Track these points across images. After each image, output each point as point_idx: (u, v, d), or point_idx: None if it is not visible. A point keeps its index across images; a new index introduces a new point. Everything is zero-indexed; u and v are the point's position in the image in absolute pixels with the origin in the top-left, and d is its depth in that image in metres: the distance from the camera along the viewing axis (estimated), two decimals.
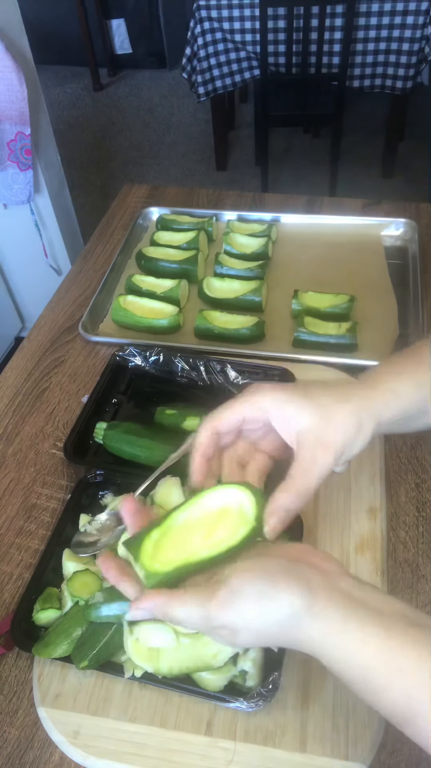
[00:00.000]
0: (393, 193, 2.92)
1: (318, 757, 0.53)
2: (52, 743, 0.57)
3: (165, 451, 0.73)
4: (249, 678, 0.55)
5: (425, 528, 0.71)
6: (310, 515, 0.71)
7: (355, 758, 0.53)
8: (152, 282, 1.04)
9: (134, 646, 0.56)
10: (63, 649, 0.58)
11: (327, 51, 2.37)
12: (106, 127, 3.79)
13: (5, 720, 0.59)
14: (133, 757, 0.54)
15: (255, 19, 2.31)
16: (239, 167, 3.29)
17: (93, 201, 3.08)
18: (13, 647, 0.63)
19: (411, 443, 0.80)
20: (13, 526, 0.75)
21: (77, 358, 0.97)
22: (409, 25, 2.28)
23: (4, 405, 0.91)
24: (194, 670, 0.55)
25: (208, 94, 2.61)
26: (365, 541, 0.69)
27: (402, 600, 0.44)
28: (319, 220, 1.17)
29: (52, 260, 1.95)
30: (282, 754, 0.53)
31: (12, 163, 1.59)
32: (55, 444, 0.84)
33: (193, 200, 1.30)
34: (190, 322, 0.99)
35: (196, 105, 3.78)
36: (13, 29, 1.49)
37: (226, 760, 0.54)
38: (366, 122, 3.44)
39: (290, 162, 3.29)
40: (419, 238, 1.09)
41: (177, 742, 0.55)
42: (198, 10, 2.36)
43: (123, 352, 0.90)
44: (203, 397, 0.87)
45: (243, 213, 1.20)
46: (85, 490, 0.73)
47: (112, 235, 1.23)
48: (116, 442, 0.78)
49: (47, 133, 1.75)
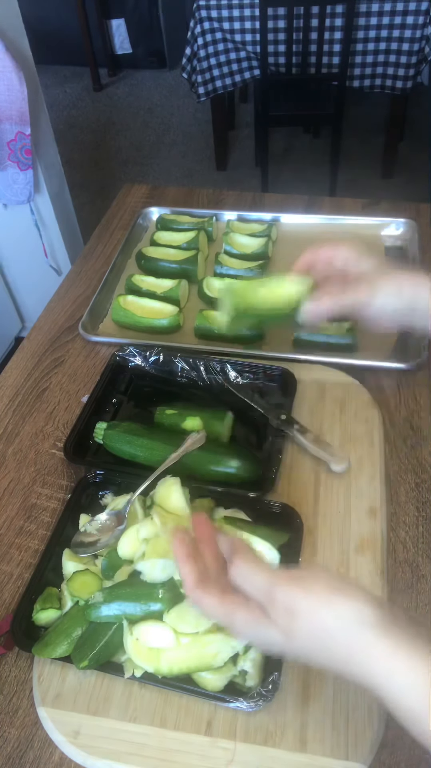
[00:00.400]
0: (393, 193, 2.91)
1: (318, 757, 0.53)
2: (52, 743, 0.57)
3: (165, 451, 0.73)
4: (249, 678, 0.56)
5: (425, 528, 0.71)
6: (310, 515, 0.71)
7: (355, 758, 0.53)
8: (152, 282, 1.04)
9: (134, 646, 0.56)
10: (63, 649, 0.58)
11: (327, 51, 2.37)
12: (105, 127, 3.79)
13: (5, 720, 0.59)
14: (133, 757, 0.54)
15: (255, 19, 2.31)
16: (239, 167, 3.29)
17: (93, 201, 3.08)
18: (13, 647, 0.63)
19: (411, 443, 0.80)
20: (13, 526, 0.75)
21: (77, 358, 0.97)
22: (409, 25, 2.28)
23: (4, 405, 0.91)
24: (194, 670, 0.55)
25: (207, 94, 2.61)
26: (365, 541, 0.69)
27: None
28: (319, 220, 1.17)
29: (52, 260, 1.95)
30: (282, 754, 0.53)
31: (12, 163, 1.59)
32: (55, 444, 0.84)
33: (192, 200, 1.30)
34: (190, 322, 0.99)
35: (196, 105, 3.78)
36: (13, 29, 1.48)
37: (226, 760, 0.54)
38: (366, 122, 3.43)
39: (290, 162, 3.29)
40: (419, 238, 1.09)
41: (177, 742, 0.55)
42: (198, 10, 2.36)
43: (123, 352, 0.90)
44: (203, 397, 0.87)
45: (243, 213, 1.20)
46: (85, 490, 0.73)
47: (112, 235, 1.23)
48: (116, 442, 0.78)
49: (47, 133, 1.75)
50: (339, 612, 0.41)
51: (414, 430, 0.81)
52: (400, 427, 0.82)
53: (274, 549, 0.61)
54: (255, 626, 0.45)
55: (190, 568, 0.48)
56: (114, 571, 0.62)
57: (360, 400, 0.84)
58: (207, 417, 0.79)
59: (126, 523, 0.65)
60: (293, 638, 0.43)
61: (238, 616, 0.45)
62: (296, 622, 0.42)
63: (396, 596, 0.65)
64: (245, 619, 0.45)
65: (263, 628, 0.44)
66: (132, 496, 0.67)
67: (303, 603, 0.42)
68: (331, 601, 0.41)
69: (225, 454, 0.74)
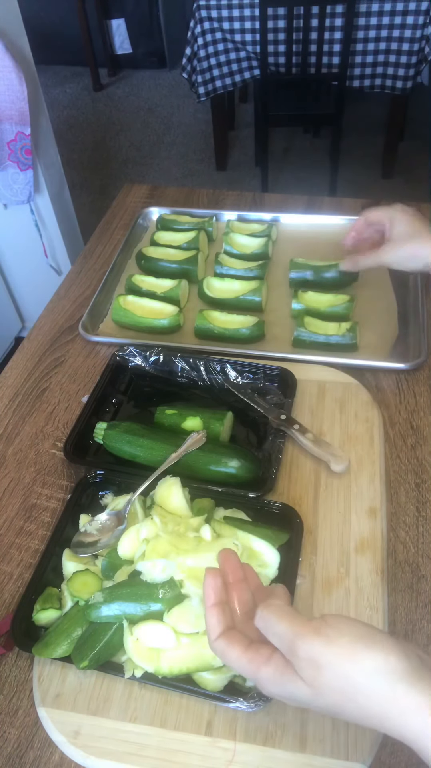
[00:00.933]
0: (393, 193, 2.91)
1: (318, 757, 0.53)
2: (52, 743, 0.57)
3: (165, 451, 0.73)
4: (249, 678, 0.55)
5: (425, 528, 0.71)
6: (310, 515, 0.71)
7: (355, 758, 0.53)
8: (152, 282, 1.04)
9: (134, 646, 0.56)
10: (63, 649, 0.58)
11: (327, 51, 2.37)
12: (105, 127, 3.79)
13: (5, 720, 0.59)
14: (133, 757, 0.54)
15: (255, 19, 2.31)
16: (239, 167, 3.29)
17: (93, 201, 3.08)
18: (13, 647, 0.63)
19: (411, 443, 0.80)
20: (13, 526, 0.75)
21: (77, 358, 0.97)
22: (409, 25, 2.28)
23: (4, 405, 0.91)
24: (194, 670, 0.55)
25: (207, 94, 2.61)
26: (365, 541, 0.69)
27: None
28: (319, 220, 1.17)
29: (52, 260, 1.95)
30: (282, 754, 0.53)
31: (12, 163, 1.59)
32: (55, 444, 0.84)
33: (193, 200, 1.30)
34: (190, 322, 0.99)
35: (196, 105, 3.78)
36: (13, 29, 1.49)
37: (226, 760, 0.54)
38: (366, 122, 3.43)
39: (290, 162, 3.29)
40: None
41: (177, 742, 0.55)
42: (198, 10, 2.36)
43: (123, 352, 0.90)
44: (203, 398, 0.87)
45: (243, 213, 1.20)
46: (85, 490, 0.73)
47: (112, 235, 1.23)
48: (116, 442, 0.78)
49: (47, 133, 1.75)
50: (365, 665, 0.39)
51: (414, 430, 0.81)
52: (400, 427, 0.82)
53: (274, 549, 0.62)
54: (281, 681, 0.43)
55: (217, 619, 0.47)
56: (114, 571, 0.62)
57: (360, 400, 0.84)
58: (207, 417, 0.79)
59: (126, 523, 0.65)
60: (321, 693, 0.41)
61: (263, 671, 0.44)
62: (322, 675, 0.40)
63: (396, 596, 0.65)
64: (270, 673, 0.43)
65: (289, 683, 0.42)
66: (132, 496, 0.67)
67: (327, 655, 0.40)
68: (355, 654, 0.39)
69: (225, 454, 0.74)
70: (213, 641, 0.47)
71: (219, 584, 0.49)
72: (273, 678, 0.43)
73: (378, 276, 1.04)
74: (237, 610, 0.49)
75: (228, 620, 0.48)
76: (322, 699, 0.41)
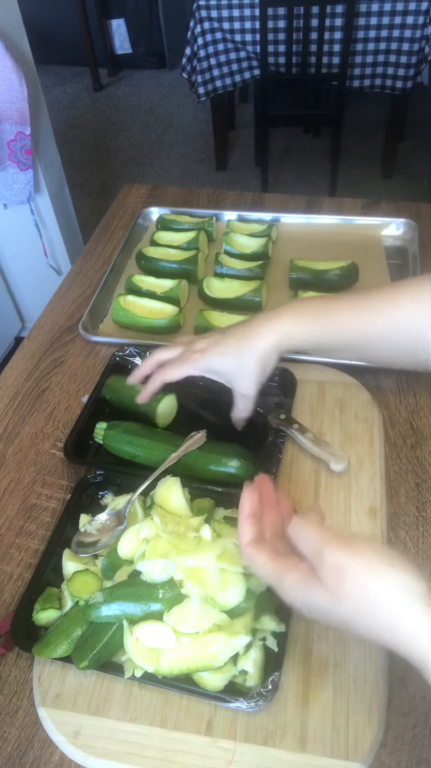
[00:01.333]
0: (393, 193, 2.92)
1: (318, 757, 0.53)
2: (52, 743, 0.57)
3: (165, 451, 0.73)
4: (249, 678, 0.55)
5: (425, 528, 0.71)
6: None
7: (355, 758, 0.53)
8: (152, 282, 1.04)
9: (134, 646, 0.56)
10: (63, 649, 0.58)
11: (327, 51, 2.37)
12: (105, 127, 3.79)
13: (5, 720, 0.59)
14: (133, 758, 0.54)
15: (255, 19, 2.31)
16: (239, 167, 3.29)
17: (93, 201, 3.08)
18: (13, 647, 0.63)
19: (411, 443, 0.80)
20: (13, 526, 0.75)
21: (77, 358, 0.97)
22: (409, 25, 2.28)
23: (4, 405, 0.91)
24: (194, 670, 0.55)
25: (207, 94, 2.61)
26: None
27: None
28: (319, 220, 1.17)
29: (52, 260, 1.95)
30: (282, 754, 0.53)
31: (12, 163, 1.59)
32: (55, 444, 0.84)
33: (193, 200, 1.30)
34: (190, 322, 0.99)
35: (196, 105, 3.78)
36: (13, 29, 1.49)
37: (226, 760, 0.54)
38: (366, 122, 3.43)
39: (290, 162, 3.29)
40: (419, 238, 1.09)
41: (177, 742, 0.55)
42: (198, 10, 2.36)
43: (123, 352, 0.90)
44: (203, 397, 0.87)
45: (243, 213, 1.20)
46: (85, 490, 0.73)
47: (112, 235, 1.23)
48: (116, 442, 0.77)
49: (47, 133, 1.75)
50: (386, 579, 0.41)
51: (414, 430, 0.81)
52: (400, 427, 0.82)
53: None
54: (304, 587, 0.45)
55: (249, 528, 0.51)
56: (114, 571, 0.62)
57: (360, 400, 0.84)
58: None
59: (126, 523, 0.65)
60: (340, 601, 0.43)
61: (288, 575, 0.46)
62: (344, 584, 0.42)
63: None
64: (294, 579, 0.46)
65: (311, 589, 0.44)
66: (132, 496, 0.67)
67: (351, 564, 0.42)
68: (378, 568, 0.41)
69: (225, 454, 0.74)
70: (244, 547, 0.50)
71: (255, 499, 0.53)
72: (296, 583, 0.46)
73: (379, 276, 1.04)
74: (267, 531, 0.52)
75: (260, 532, 0.51)
76: (340, 607, 0.43)
